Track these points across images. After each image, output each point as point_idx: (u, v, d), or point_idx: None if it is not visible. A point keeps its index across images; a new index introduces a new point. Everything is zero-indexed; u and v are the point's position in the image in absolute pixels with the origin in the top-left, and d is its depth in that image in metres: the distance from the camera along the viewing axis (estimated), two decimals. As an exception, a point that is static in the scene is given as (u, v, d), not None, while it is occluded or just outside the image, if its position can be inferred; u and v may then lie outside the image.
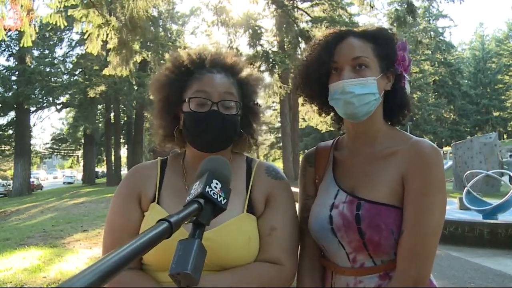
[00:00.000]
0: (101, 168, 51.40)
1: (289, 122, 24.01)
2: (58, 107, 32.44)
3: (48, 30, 26.61)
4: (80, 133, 36.90)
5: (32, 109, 29.28)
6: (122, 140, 36.63)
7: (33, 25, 6.46)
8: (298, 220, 1.24)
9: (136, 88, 25.71)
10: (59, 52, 35.73)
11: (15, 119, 29.39)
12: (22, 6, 6.04)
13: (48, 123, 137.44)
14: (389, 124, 1.23)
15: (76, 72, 30.45)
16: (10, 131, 30.80)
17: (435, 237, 1.05)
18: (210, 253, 0.73)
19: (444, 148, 42.69)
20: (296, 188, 1.37)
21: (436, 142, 45.66)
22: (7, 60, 29.56)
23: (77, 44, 30.20)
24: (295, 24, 13.68)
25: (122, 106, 30.69)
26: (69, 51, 31.32)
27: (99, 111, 34.19)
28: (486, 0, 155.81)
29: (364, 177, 1.14)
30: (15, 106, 27.88)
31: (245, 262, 1.10)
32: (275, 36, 19.65)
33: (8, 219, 14.03)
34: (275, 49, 18.95)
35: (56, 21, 7.02)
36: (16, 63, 28.36)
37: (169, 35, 28.73)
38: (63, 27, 8.32)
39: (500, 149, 16.87)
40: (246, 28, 14.14)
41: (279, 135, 27.09)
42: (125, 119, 33.60)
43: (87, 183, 34.23)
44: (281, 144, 27.05)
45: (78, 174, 50.29)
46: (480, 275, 5.15)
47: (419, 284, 1.03)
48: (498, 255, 6.07)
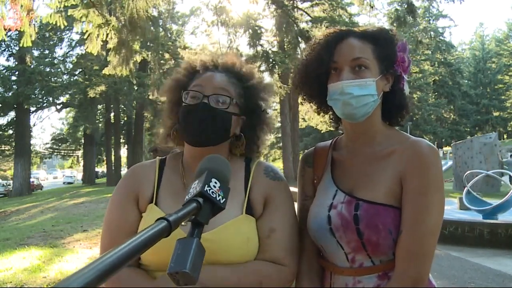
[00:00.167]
0: (101, 168, 51.39)
1: (289, 122, 24.01)
2: (58, 107, 32.47)
3: (48, 30, 26.64)
4: (80, 133, 36.92)
5: (32, 109, 29.30)
6: (122, 140, 36.63)
7: (33, 25, 6.47)
8: (298, 221, 1.24)
9: (136, 88, 25.71)
10: (59, 52, 35.77)
11: (15, 119, 29.41)
12: (22, 6, 6.04)
13: (48, 123, 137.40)
14: (387, 124, 1.22)
15: (76, 72, 30.46)
16: (10, 131, 30.81)
17: (433, 236, 1.05)
18: (209, 254, 0.73)
19: (444, 148, 42.70)
20: (296, 189, 1.37)
21: (436, 142, 45.69)
22: (7, 60, 29.65)
23: (77, 44, 30.23)
24: (295, 24, 13.69)
25: (122, 106, 30.70)
26: (69, 51, 31.42)
27: (99, 111, 34.20)
28: (486, 0, 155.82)
29: (363, 177, 1.14)
30: (15, 106, 27.89)
31: (243, 262, 1.10)
32: (275, 36, 19.63)
33: (8, 219, 14.03)
34: (275, 49, 18.94)
35: (56, 21, 7.02)
36: (16, 63, 28.36)
37: (169, 35, 28.71)
38: (63, 27, 8.33)
39: (500, 149, 16.88)
40: (246, 28, 14.14)
41: (279, 135, 27.04)
42: (125, 119, 33.60)
43: (87, 183, 34.24)
44: (281, 144, 27.03)
45: (78, 174, 50.29)
46: (480, 275, 5.15)
47: (418, 284, 1.03)
48: (498, 255, 6.07)
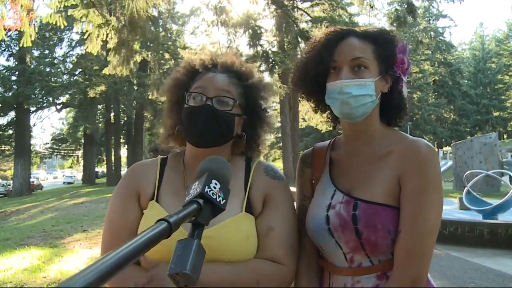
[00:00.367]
0: (101, 168, 51.39)
1: (289, 122, 23.98)
2: (58, 107, 32.46)
3: (48, 30, 26.61)
4: (80, 133, 36.92)
5: (32, 109, 29.30)
6: (122, 140, 36.64)
7: (33, 25, 6.46)
8: (297, 220, 1.24)
9: (136, 88, 25.71)
10: (59, 52, 35.79)
11: (15, 119, 29.40)
12: (22, 6, 6.04)
13: (48, 123, 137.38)
14: (385, 125, 1.23)
15: (76, 72, 30.44)
16: (10, 131, 30.81)
17: (432, 236, 1.05)
18: (208, 251, 0.73)
19: (444, 148, 42.70)
20: (295, 188, 1.37)
21: (436, 142, 45.68)
22: (7, 60, 29.63)
23: (77, 44, 30.20)
24: (295, 24, 13.68)
25: (122, 106, 30.71)
26: (69, 51, 31.38)
27: (99, 111, 34.21)
28: (486, 0, 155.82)
29: (361, 177, 1.15)
30: (15, 106, 27.89)
31: (243, 260, 1.11)
32: (275, 36, 19.64)
33: (8, 219, 14.03)
34: (275, 49, 18.95)
35: (56, 21, 7.02)
36: (16, 63, 28.35)
37: (169, 35, 28.74)
38: (63, 27, 8.33)
39: (500, 149, 16.89)
40: (246, 28, 14.13)
41: (279, 135, 27.02)
42: (125, 119, 33.61)
43: (87, 183, 34.23)
44: (281, 144, 27.01)
45: (78, 174, 50.28)
46: (480, 275, 5.15)
47: (417, 284, 1.03)
48: (498, 255, 6.08)
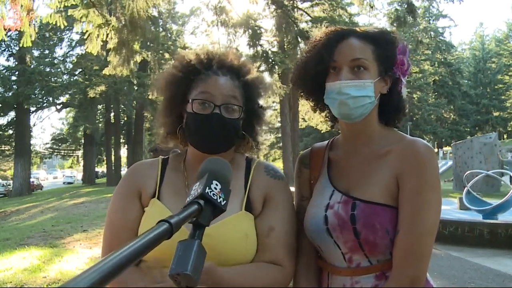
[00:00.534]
0: (101, 168, 51.39)
1: (289, 122, 23.99)
2: (58, 107, 32.47)
3: (48, 30, 26.60)
4: (80, 133, 36.92)
5: (32, 109, 29.29)
6: (122, 140, 36.65)
7: (33, 25, 6.47)
8: (296, 220, 1.24)
9: (136, 88, 25.72)
10: (59, 52, 35.67)
11: (15, 119, 29.40)
12: (22, 6, 6.05)
13: (48, 123, 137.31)
14: (384, 125, 1.23)
15: (76, 72, 30.43)
16: (10, 131, 30.81)
17: (431, 236, 1.05)
18: (207, 249, 0.74)
19: (444, 148, 42.70)
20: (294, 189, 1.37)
21: (436, 142, 45.70)
22: (7, 60, 29.62)
23: (77, 44, 30.21)
24: (294, 24, 13.69)
25: (122, 106, 30.71)
26: (69, 51, 31.38)
27: (99, 111, 34.20)
28: (486, 0, 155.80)
29: (359, 177, 1.15)
30: (15, 106, 27.89)
31: (242, 258, 1.11)
32: (275, 36, 19.65)
33: (8, 219, 14.03)
34: (275, 49, 18.97)
35: (56, 21, 7.03)
36: (16, 63, 28.35)
37: (169, 35, 28.75)
38: (63, 27, 8.34)
39: (500, 149, 16.89)
40: (246, 28, 14.16)
41: (279, 135, 27.06)
42: (125, 119, 33.62)
43: (87, 183, 34.23)
44: (281, 144, 27.02)
45: (78, 174, 50.28)
46: (480, 275, 5.15)
47: (416, 284, 1.03)
48: (498, 255, 6.07)
